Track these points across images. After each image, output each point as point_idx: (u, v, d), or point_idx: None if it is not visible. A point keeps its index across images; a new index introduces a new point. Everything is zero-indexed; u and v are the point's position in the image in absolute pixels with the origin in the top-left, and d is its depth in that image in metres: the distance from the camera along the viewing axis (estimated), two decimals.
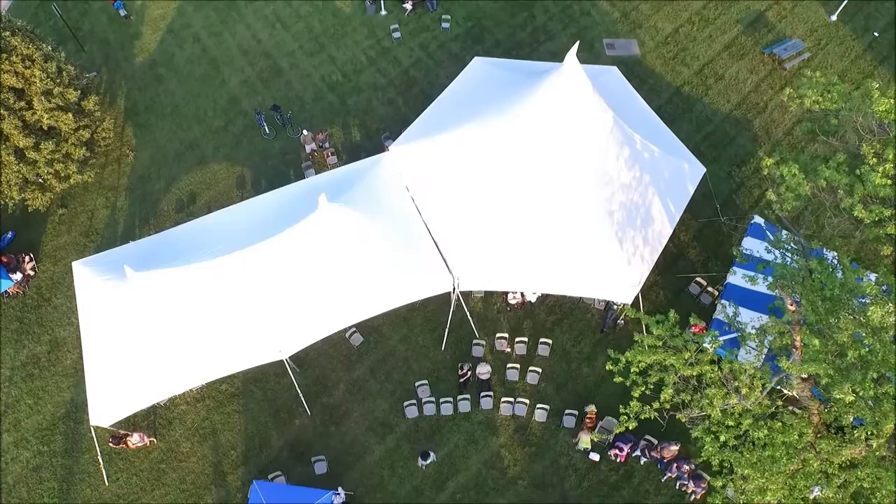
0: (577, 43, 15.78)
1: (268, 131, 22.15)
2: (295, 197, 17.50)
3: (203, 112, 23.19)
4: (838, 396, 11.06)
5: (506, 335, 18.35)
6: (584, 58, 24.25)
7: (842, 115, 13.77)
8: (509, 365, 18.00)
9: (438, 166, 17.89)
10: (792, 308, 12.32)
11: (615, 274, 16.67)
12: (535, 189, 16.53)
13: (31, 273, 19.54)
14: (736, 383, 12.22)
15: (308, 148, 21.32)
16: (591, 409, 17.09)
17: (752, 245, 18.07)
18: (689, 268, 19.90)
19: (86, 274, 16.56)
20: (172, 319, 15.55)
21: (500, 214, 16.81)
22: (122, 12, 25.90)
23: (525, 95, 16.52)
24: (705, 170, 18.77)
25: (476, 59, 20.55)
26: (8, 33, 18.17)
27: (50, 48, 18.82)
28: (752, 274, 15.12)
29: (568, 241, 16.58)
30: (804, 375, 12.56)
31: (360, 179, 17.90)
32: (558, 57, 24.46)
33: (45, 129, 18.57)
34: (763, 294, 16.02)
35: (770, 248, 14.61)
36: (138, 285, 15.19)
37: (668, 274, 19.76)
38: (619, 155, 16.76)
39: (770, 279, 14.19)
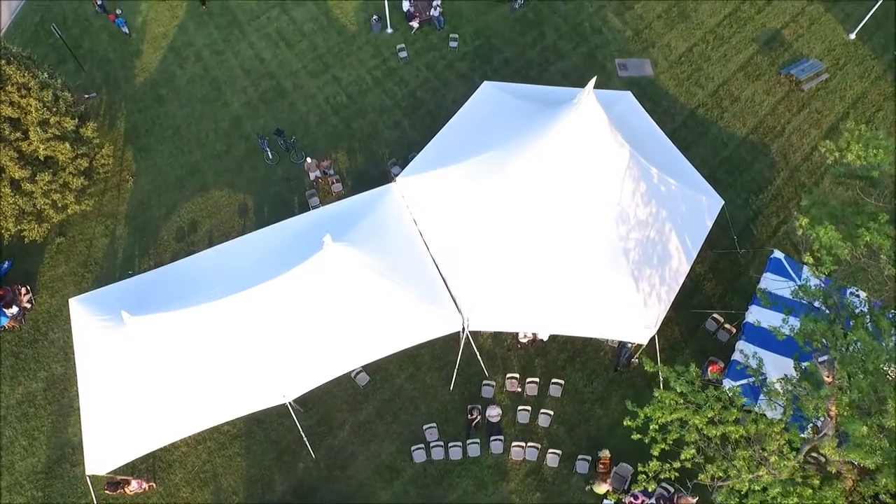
0: (594, 79, 15.10)
1: (270, 156, 21.56)
2: (298, 232, 16.91)
3: (204, 135, 22.61)
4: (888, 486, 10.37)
5: (516, 375, 17.74)
6: (596, 79, 24.00)
7: (883, 169, 13.01)
8: (520, 406, 17.40)
9: (447, 199, 17.27)
10: (829, 380, 11.59)
11: (630, 315, 16.04)
12: (548, 226, 15.91)
13: (28, 306, 19.00)
14: (764, 452, 11.59)
15: (312, 175, 20.72)
16: (605, 454, 16.48)
17: (772, 282, 17.41)
18: (706, 302, 19.26)
19: (83, 314, 16.02)
20: (172, 364, 14.99)
21: (512, 251, 16.17)
22: (124, 30, 25.36)
23: (539, 131, 15.87)
24: (723, 202, 18.11)
25: (485, 83, 19.89)
26: (3, 62, 17.62)
27: (46, 75, 18.26)
28: (774, 315, 14.59)
29: (582, 280, 15.96)
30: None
31: (365, 213, 17.31)
32: (569, 78, 23.95)
33: (42, 159, 18.02)
34: (786, 339, 15.39)
35: (795, 295, 13.93)
36: (136, 330, 14.63)
37: (683, 309, 19.09)
38: (635, 191, 16.12)
39: (792, 319, 13.55)
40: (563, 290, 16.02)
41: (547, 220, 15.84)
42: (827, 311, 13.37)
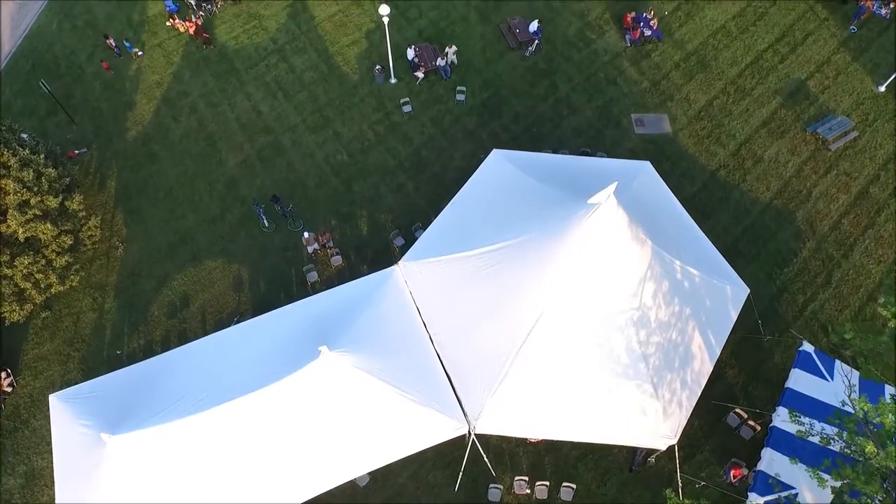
0: (616, 184, 13.88)
1: (267, 224, 20.44)
2: (294, 328, 15.82)
3: (198, 197, 21.51)
4: None
5: (525, 477, 16.63)
6: (611, 135, 22.81)
7: None
8: None
9: (453, 289, 16.13)
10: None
11: (649, 424, 14.91)
12: (563, 329, 14.73)
13: (9, 390, 18.02)
14: None
15: (310, 248, 19.59)
16: None
17: (801, 381, 16.21)
18: (727, 392, 18.07)
19: (63, 415, 15.00)
20: (158, 480, 13.93)
21: (523, 351, 14.96)
22: (137, 52, 24.47)
23: (555, 230, 14.63)
24: (749, 291, 16.89)
25: (494, 152, 18.68)
26: None
27: (27, 151, 17.16)
28: (803, 425, 13.46)
29: (597, 387, 14.82)
30: None
31: (366, 303, 16.18)
32: (583, 135, 22.73)
33: (22, 241, 16.99)
34: (818, 446, 14.25)
35: (832, 422, 12.78)
36: (118, 449, 13.60)
37: (703, 399, 17.73)
38: (657, 291, 14.94)
39: (825, 428, 12.41)
40: (576, 396, 14.89)
41: (561, 323, 14.67)
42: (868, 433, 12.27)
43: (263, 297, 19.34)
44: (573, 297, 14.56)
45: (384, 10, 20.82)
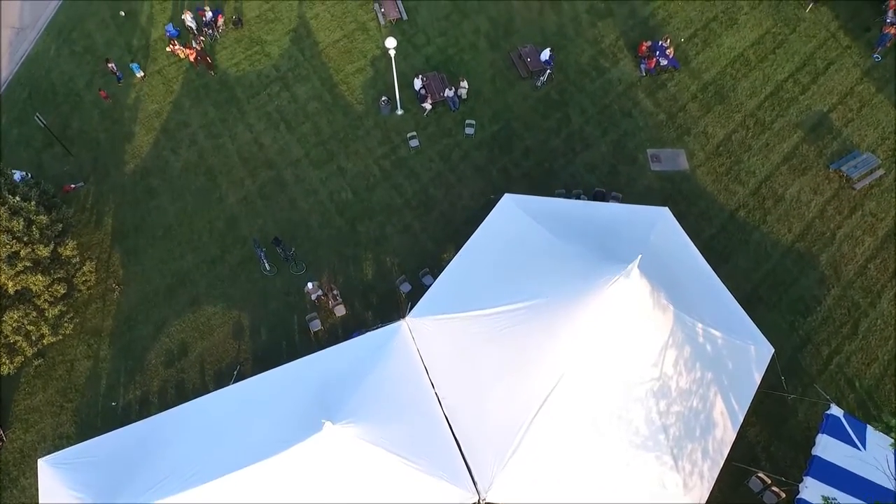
0: (640, 257, 13.05)
1: (268, 267, 19.67)
2: (295, 388, 15.06)
3: (198, 237, 20.76)
4: None
5: None
6: (626, 172, 21.95)
7: None
8: None
9: (463, 350, 15.34)
10: None
11: (670, 497, 14.12)
12: (578, 398, 13.95)
13: None
14: None
15: (314, 296, 18.83)
16: None
17: (830, 448, 15.36)
18: (749, 452, 17.22)
19: (53, 484, 14.29)
20: None
21: (537, 419, 14.22)
22: (139, 73, 23.94)
23: (572, 297, 13.77)
24: (773, 350, 16.04)
25: (506, 197, 17.84)
26: None
27: (18, 198, 16.41)
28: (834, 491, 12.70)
29: (615, 459, 14.03)
30: None
31: (371, 363, 15.41)
32: (597, 171, 21.88)
33: (12, 293, 16.28)
34: None
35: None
36: None
37: (724, 460, 17.15)
38: (678, 358, 14.13)
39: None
40: (592, 469, 14.10)
41: (577, 393, 13.87)
42: None
43: (264, 346, 18.61)
44: (590, 366, 13.76)
45: (391, 42, 20.03)
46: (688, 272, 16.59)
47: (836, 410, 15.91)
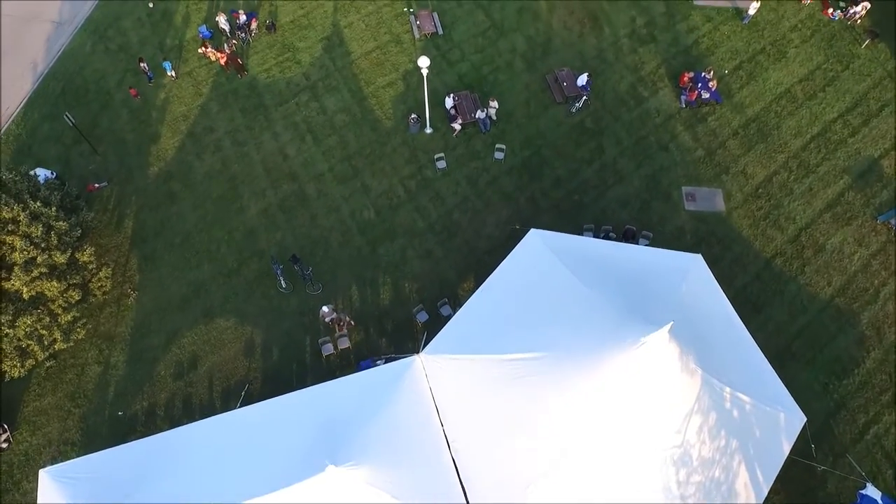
0: (671, 324, 12.33)
1: (284, 285, 19.31)
2: (302, 420, 14.61)
3: (215, 246, 20.49)
4: None
5: None
6: (658, 209, 21.08)
7: None
8: None
9: (477, 393, 14.74)
10: None
11: None
12: (593, 459, 13.30)
13: (5, 446, 17.28)
14: None
15: (328, 319, 18.38)
16: None
17: None
18: None
19: (52, 496, 14.08)
20: None
21: (548, 476, 13.63)
22: (171, 73, 23.77)
23: (597, 348, 13.14)
24: (805, 419, 15.10)
25: (532, 233, 17.14)
26: None
27: (39, 203, 16.28)
28: None
29: None
30: None
31: (382, 400, 14.91)
32: (628, 207, 21.05)
33: (26, 299, 16.15)
34: None
35: None
36: None
37: None
38: (703, 425, 13.36)
39: None
40: None
41: (593, 454, 13.22)
42: None
43: (275, 366, 18.27)
44: (608, 428, 13.08)
45: (424, 62, 19.45)
46: (718, 328, 15.71)
47: (872, 491, 14.99)
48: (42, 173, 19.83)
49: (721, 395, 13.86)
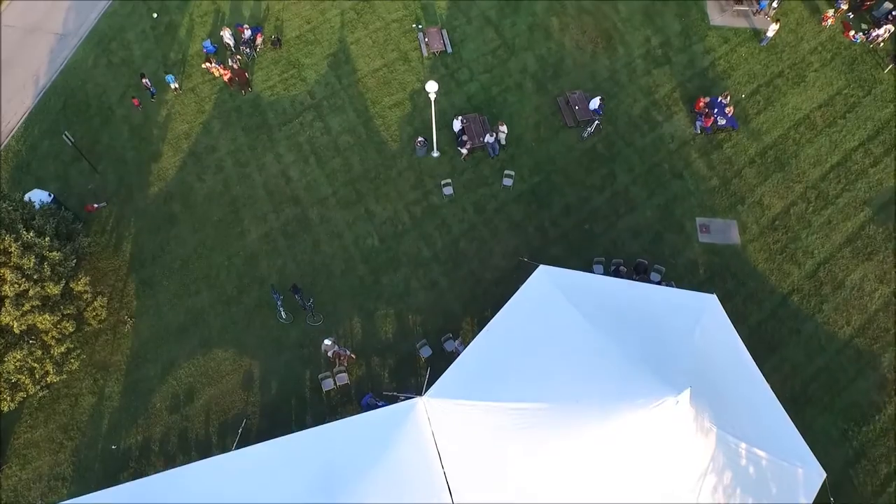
0: (689, 391, 11.72)
1: (284, 315, 18.77)
2: (300, 466, 14.09)
3: (215, 273, 19.96)
4: None
5: None
6: (671, 241, 20.40)
7: None
8: None
9: (481, 441, 14.12)
10: None
11: None
12: None
13: None
14: None
15: (330, 353, 17.83)
16: None
17: None
18: None
19: None
20: None
21: None
22: (174, 86, 23.25)
23: (607, 403, 12.53)
24: (825, 475, 14.42)
25: (541, 269, 16.51)
26: None
27: (32, 233, 15.77)
28: None
29: None
30: None
31: (383, 445, 14.32)
32: (640, 238, 20.39)
33: (17, 333, 15.66)
34: None
35: None
36: None
37: None
38: (717, 485, 12.73)
39: None
40: None
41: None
42: None
43: (273, 401, 17.74)
44: (617, 486, 12.49)
45: (432, 86, 18.83)
46: (732, 375, 15.06)
47: None
48: (39, 196, 19.35)
49: (737, 451, 13.23)
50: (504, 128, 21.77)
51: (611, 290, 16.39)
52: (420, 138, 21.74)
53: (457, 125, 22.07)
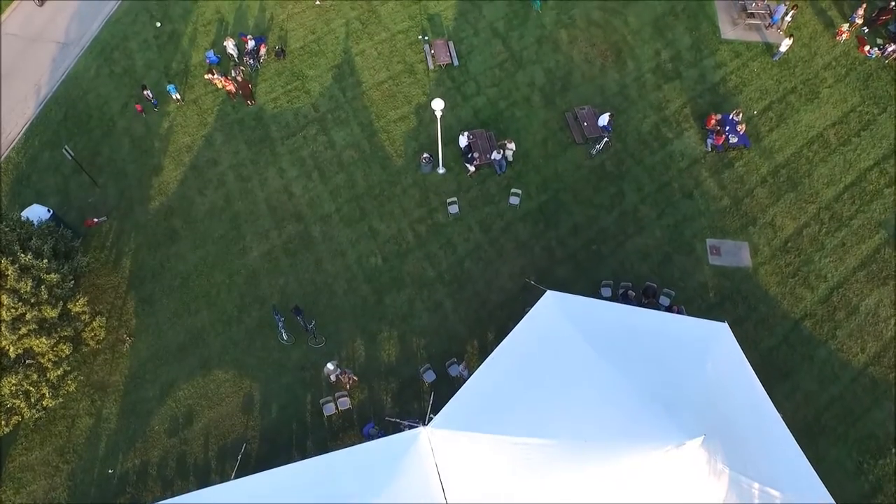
0: (703, 438, 11.33)
1: (286, 337, 18.42)
2: (299, 493, 13.71)
3: (215, 291, 19.62)
4: None
5: None
6: (680, 263, 19.95)
7: None
8: None
9: (486, 475, 13.72)
10: None
11: None
12: None
13: None
14: None
15: (332, 377, 17.47)
16: None
17: None
18: None
19: None
20: None
21: None
22: (176, 96, 22.92)
23: (616, 444, 12.16)
24: None
25: (549, 294, 16.05)
26: None
27: (30, 255, 15.45)
28: None
29: None
30: None
31: (383, 479, 13.99)
32: (648, 260, 19.96)
33: (12, 357, 15.35)
34: None
35: None
36: None
37: None
38: None
39: None
40: None
41: None
42: None
43: (273, 425, 17.38)
44: None
45: (438, 104, 18.39)
46: (744, 409, 14.56)
47: None
48: (37, 213, 19.02)
49: (750, 492, 12.80)
50: (512, 145, 21.36)
51: (620, 318, 15.94)
52: (426, 154, 21.34)
53: (463, 141, 21.65)
